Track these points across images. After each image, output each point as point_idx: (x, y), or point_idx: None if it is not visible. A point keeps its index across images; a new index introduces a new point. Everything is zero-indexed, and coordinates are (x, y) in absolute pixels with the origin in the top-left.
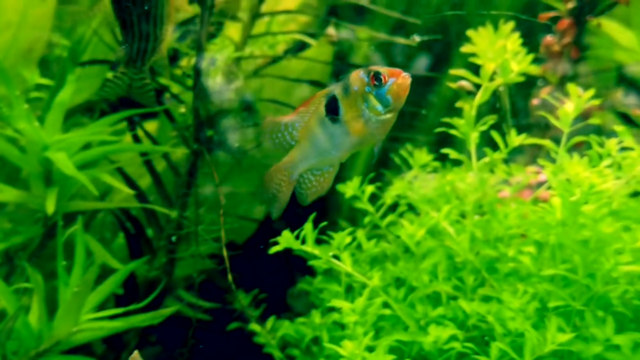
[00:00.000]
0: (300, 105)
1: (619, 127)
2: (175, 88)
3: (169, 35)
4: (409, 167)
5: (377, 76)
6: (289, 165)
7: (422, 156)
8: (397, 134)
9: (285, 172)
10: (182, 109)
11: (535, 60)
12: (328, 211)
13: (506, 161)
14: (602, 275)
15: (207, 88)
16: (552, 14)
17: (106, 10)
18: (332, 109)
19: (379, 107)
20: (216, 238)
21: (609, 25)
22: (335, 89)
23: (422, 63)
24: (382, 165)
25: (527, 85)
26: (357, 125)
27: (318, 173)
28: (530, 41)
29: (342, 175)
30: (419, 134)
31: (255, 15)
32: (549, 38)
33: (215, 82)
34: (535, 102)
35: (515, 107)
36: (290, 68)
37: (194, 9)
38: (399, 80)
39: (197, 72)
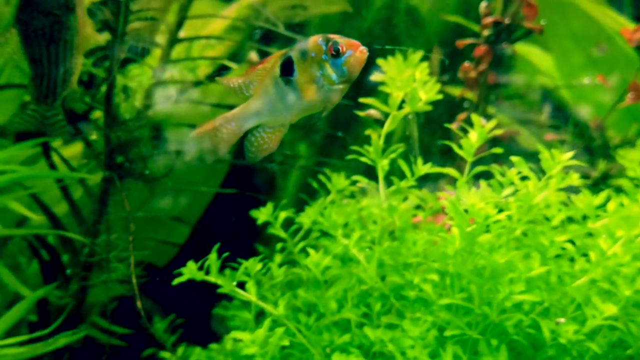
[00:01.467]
0: (259, 63)
1: (515, 158)
2: (97, 113)
3: (79, 68)
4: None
5: (335, 46)
6: (240, 116)
7: (340, 181)
8: (326, 159)
9: (235, 122)
10: (94, 136)
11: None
12: (261, 232)
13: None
14: (497, 304)
15: (118, 115)
16: (469, 40)
17: (14, 43)
18: (287, 70)
19: (333, 76)
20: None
21: (530, 51)
22: (293, 51)
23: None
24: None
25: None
26: (309, 90)
27: (270, 131)
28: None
29: (273, 195)
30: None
31: (174, 40)
32: (466, 64)
33: (129, 109)
34: (454, 125)
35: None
36: (211, 92)
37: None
38: (356, 53)
39: (107, 99)
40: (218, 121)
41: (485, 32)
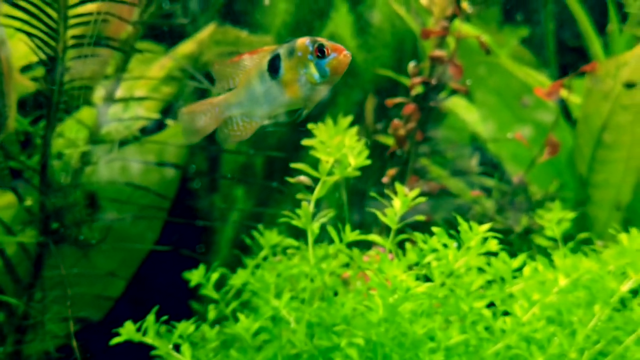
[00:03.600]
0: (246, 53)
1: (437, 229)
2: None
3: (13, 111)
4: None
5: (320, 48)
6: (223, 104)
7: (273, 237)
8: (263, 209)
9: (218, 109)
10: (29, 202)
11: None
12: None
13: None
14: None
15: (54, 181)
16: (398, 100)
17: None
18: (274, 66)
19: (316, 76)
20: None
21: (457, 103)
22: (281, 49)
23: None
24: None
25: None
26: (292, 87)
27: (247, 120)
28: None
29: (209, 240)
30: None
31: (110, 100)
32: (395, 121)
33: (65, 168)
34: (385, 179)
35: None
36: (146, 149)
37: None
38: (340, 56)
39: (43, 167)
40: (204, 105)
41: (414, 91)
